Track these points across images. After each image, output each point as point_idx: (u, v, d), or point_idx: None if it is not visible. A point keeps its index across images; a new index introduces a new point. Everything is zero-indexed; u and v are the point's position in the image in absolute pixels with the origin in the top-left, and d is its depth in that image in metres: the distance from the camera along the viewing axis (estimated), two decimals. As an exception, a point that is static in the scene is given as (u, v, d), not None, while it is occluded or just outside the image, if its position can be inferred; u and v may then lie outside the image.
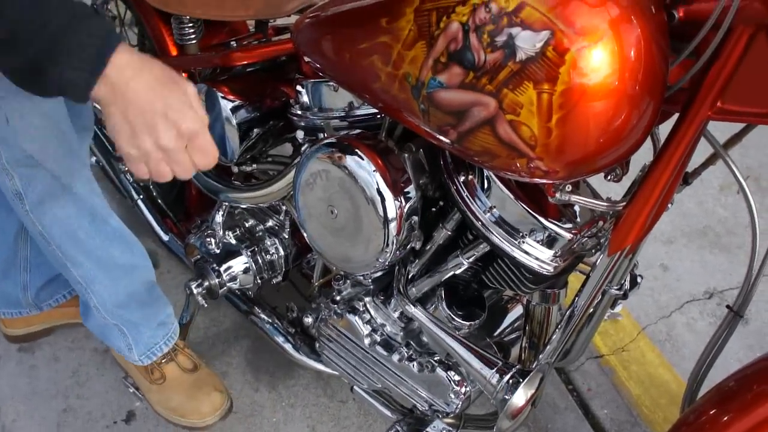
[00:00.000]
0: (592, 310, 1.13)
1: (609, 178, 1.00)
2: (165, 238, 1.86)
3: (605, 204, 1.03)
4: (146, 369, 1.57)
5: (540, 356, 1.18)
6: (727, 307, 1.05)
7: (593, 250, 1.13)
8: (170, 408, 1.57)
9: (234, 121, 1.38)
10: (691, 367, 1.10)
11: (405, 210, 1.11)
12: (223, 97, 1.38)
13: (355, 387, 1.47)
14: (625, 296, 1.16)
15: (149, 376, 1.57)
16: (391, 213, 1.10)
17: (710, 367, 1.09)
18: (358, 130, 1.22)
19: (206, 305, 1.60)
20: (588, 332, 1.19)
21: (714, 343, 1.08)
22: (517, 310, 1.40)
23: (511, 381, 1.13)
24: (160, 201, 1.89)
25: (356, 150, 1.11)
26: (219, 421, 1.57)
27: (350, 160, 1.11)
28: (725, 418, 0.98)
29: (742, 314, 1.04)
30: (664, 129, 0.96)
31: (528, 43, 0.83)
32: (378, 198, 1.10)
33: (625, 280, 1.13)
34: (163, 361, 1.56)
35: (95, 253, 1.37)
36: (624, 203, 1.00)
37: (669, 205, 1.02)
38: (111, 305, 1.44)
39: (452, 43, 0.89)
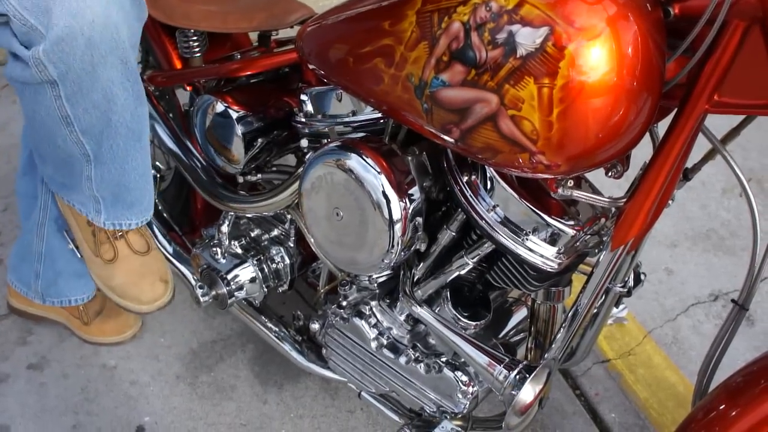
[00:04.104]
0: (595, 309, 1.15)
1: (610, 174, 1.02)
2: (170, 250, 1.86)
3: (607, 200, 1.05)
4: (96, 240, 1.44)
5: (546, 354, 1.19)
6: (732, 301, 1.06)
7: (596, 249, 1.14)
8: (110, 286, 1.48)
9: (239, 131, 1.40)
10: (698, 369, 1.11)
11: (409, 211, 1.13)
12: (227, 108, 1.40)
13: (363, 393, 1.48)
14: (629, 293, 1.16)
15: (97, 250, 1.45)
16: (396, 214, 1.12)
17: (718, 363, 1.09)
18: (362, 134, 1.23)
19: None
20: (593, 332, 1.20)
21: (721, 337, 1.08)
22: (522, 312, 1.41)
23: (518, 377, 1.14)
24: (165, 215, 1.90)
25: (361, 153, 1.13)
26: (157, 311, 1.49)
27: (355, 163, 1.12)
28: (733, 413, 0.98)
29: (747, 307, 1.04)
30: (664, 127, 0.98)
31: (528, 39, 0.85)
32: (383, 200, 1.11)
33: (629, 278, 1.14)
34: (118, 235, 1.44)
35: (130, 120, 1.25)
36: (625, 199, 1.02)
37: (670, 202, 1.04)
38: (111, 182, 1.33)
39: (454, 42, 0.91)
